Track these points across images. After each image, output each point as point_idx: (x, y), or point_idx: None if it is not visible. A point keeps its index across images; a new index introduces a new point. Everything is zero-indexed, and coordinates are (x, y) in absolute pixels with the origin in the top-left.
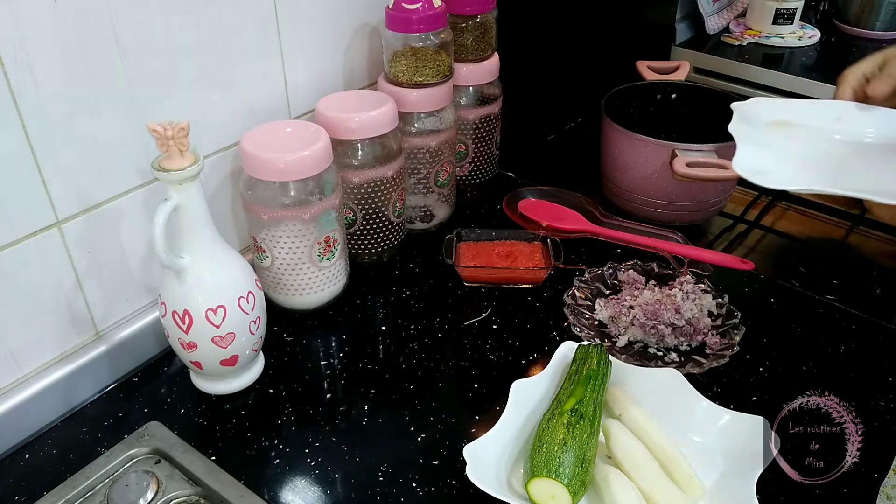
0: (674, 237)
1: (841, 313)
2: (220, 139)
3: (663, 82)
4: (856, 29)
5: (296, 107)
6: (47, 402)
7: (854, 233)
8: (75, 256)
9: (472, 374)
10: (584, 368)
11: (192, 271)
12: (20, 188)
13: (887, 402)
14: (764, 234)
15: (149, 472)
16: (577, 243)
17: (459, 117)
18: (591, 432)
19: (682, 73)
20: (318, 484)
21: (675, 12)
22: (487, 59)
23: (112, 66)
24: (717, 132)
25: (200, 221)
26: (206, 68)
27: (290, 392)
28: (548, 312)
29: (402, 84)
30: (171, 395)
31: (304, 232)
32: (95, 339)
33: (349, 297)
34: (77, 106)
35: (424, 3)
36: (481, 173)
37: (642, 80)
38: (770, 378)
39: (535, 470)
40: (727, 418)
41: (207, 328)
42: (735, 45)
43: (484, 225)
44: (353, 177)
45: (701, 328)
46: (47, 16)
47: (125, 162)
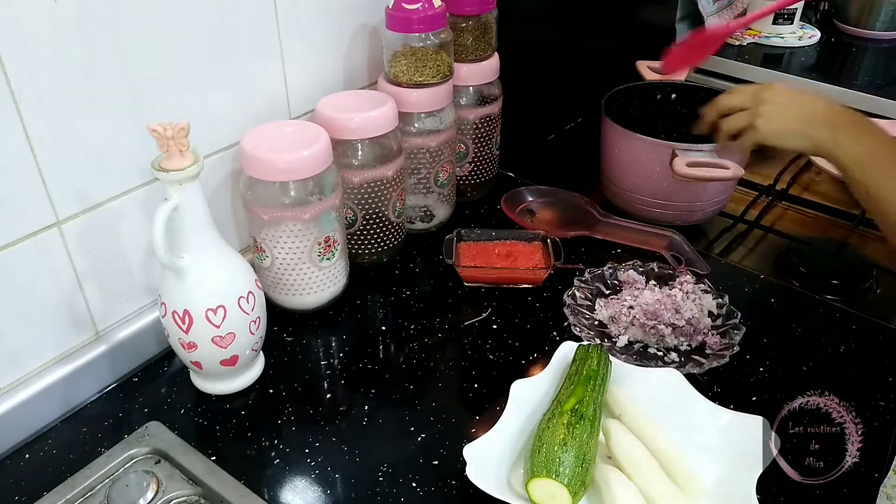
0: (673, 237)
1: (841, 313)
2: (220, 139)
3: (663, 82)
4: (856, 29)
5: (296, 107)
6: (47, 402)
7: (854, 233)
8: (75, 256)
9: (472, 374)
10: (584, 368)
11: (192, 271)
12: (20, 188)
13: (887, 402)
14: (764, 234)
15: (149, 472)
16: (577, 243)
17: (459, 117)
18: (591, 432)
19: (681, 73)
20: (318, 484)
21: (675, 12)
22: (487, 59)
23: (112, 66)
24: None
25: (200, 221)
26: (206, 68)
27: (290, 392)
28: (548, 312)
29: (402, 84)
30: (171, 395)
31: (304, 232)
32: (95, 339)
33: (349, 297)
34: (77, 106)
35: (424, 3)
36: (481, 173)
37: (642, 81)
38: (770, 378)
39: (535, 470)
40: (727, 418)
41: (207, 328)
42: (735, 45)
43: (484, 225)
44: (353, 177)
45: (701, 328)
46: (47, 16)
47: (125, 162)
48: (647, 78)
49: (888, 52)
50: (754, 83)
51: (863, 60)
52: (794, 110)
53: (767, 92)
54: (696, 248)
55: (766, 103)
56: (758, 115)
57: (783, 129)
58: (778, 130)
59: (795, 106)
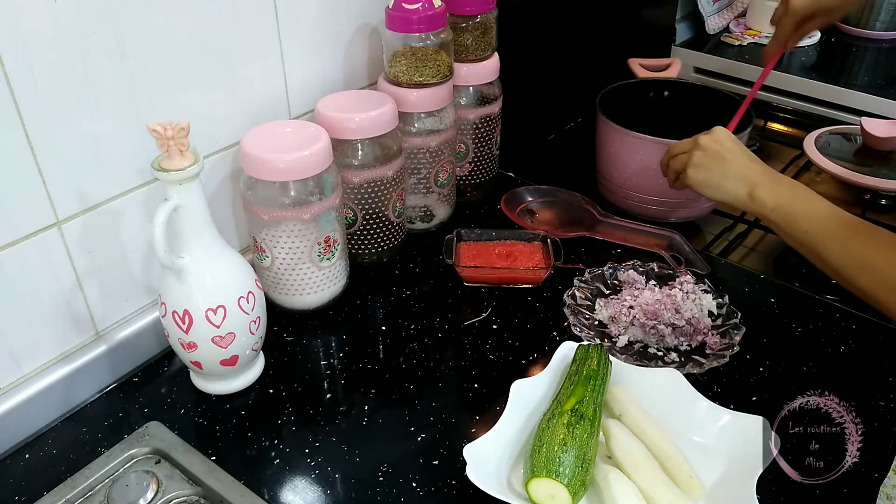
0: (673, 237)
1: (841, 313)
2: (220, 139)
3: (656, 80)
4: (856, 29)
5: (296, 107)
6: (47, 402)
7: None
8: (75, 256)
9: (472, 374)
10: (584, 368)
11: (192, 271)
12: (20, 188)
13: (887, 402)
14: (764, 234)
15: (149, 472)
16: (577, 243)
17: (459, 117)
18: (591, 432)
19: (673, 70)
20: (318, 484)
21: (675, 12)
22: (487, 59)
23: (112, 66)
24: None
25: (200, 221)
26: (206, 68)
27: (290, 392)
28: (548, 312)
29: (402, 84)
30: (171, 395)
31: (304, 232)
32: (95, 339)
33: (349, 297)
34: (77, 106)
35: (424, 3)
36: (481, 173)
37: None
38: (770, 378)
39: (535, 470)
40: (727, 418)
41: (207, 328)
42: (735, 45)
43: (484, 225)
44: (353, 177)
45: (701, 328)
46: (47, 15)
47: (125, 162)
48: (640, 75)
49: (888, 52)
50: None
51: (863, 60)
52: (717, 164)
53: (704, 138)
54: (696, 248)
55: (699, 149)
56: (690, 163)
57: (706, 180)
58: (702, 181)
59: (720, 159)
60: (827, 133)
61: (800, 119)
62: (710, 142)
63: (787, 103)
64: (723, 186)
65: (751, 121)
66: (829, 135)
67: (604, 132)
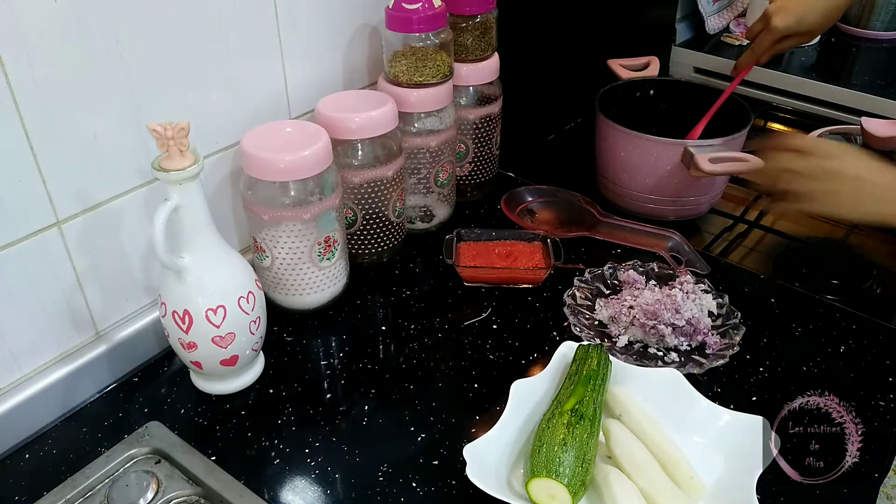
0: (673, 237)
1: (841, 313)
2: (220, 139)
3: (640, 80)
4: (856, 29)
5: (296, 107)
6: (47, 402)
7: (854, 233)
8: (75, 256)
9: (472, 374)
10: (584, 368)
11: (192, 271)
12: (20, 188)
13: (887, 402)
14: (764, 234)
15: (149, 472)
16: (577, 243)
17: (459, 117)
18: (591, 432)
19: (653, 69)
20: (318, 484)
21: (675, 12)
22: (487, 59)
23: (112, 66)
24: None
25: (200, 221)
26: (206, 68)
27: (290, 392)
28: (548, 312)
29: (402, 84)
30: (171, 395)
31: (304, 232)
32: (95, 339)
33: (349, 297)
34: (77, 106)
35: (424, 3)
36: (481, 173)
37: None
38: (770, 378)
39: (535, 470)
40: (727, 418)
41: (207, 328)
42: (735, 45)
43: (484, 225)
44: (353, 177)
45: (701, 328)
46: (47, 15)
47: (125, 162)
48: (622, 76)
49: (888, 52)
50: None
51: (863, 60)
52: (862, 193)
53: (833, 162)
54: (696, 248)
55: (832, 181)
56: (818, 194)
57: (852, 213)
58: (845, 214)
59: (863, 186)
60: (827, 133)
61: (800, 119)
62: (844, 170)
63: (787, 103)
64: (872, 211)
65: (749, 120)
66: (829, 135)
67: (603, 132)
